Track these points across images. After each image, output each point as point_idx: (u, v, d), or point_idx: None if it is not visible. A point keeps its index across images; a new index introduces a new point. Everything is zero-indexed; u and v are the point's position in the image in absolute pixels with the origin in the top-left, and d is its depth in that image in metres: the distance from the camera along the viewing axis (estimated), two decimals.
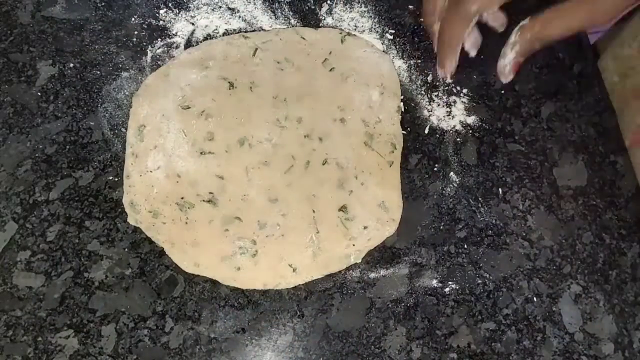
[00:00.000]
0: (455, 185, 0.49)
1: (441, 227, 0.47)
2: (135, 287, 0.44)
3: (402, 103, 0.52)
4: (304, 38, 0.54)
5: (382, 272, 0.46)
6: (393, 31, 0.55)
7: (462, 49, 0.47)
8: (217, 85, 0.51)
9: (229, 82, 0.51)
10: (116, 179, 0.48)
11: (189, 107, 0.50)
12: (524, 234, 0.48)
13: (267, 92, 0.51)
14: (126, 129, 0.50)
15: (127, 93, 0.51)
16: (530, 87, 0.53)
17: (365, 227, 0.46)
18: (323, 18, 0.55)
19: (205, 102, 0.50)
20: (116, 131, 0.50)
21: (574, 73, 0.54)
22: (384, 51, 0.54)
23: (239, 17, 0.55)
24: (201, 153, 0.48)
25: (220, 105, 0.50)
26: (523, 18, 0.43)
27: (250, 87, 0.51)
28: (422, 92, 0.53)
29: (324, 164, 0.48)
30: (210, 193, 0.47)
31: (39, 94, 0.51)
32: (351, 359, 0.43)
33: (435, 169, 0.50)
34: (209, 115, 0.50)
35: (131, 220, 0.46)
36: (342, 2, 0.56)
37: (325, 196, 0.47)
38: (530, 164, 0.50)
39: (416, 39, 0.55)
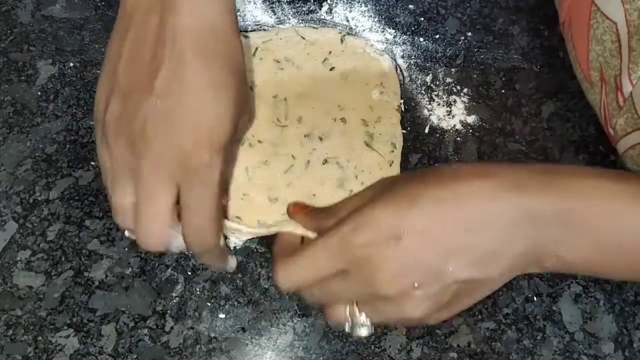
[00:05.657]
0: None
1: None
2: (135, 286, 0.44)
3: (402, 102, 0.52)
4: (304, 38, 0.54)
5: None
6: (393, 31, 0.55)
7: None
8: None
9: None
10: None
11: None
12: None
13: (267, 92, 0.51)
14: None
15: None
16: (531, 87, 0.53)
17: None
18: (323, 18, 0.55)
19: None
20: None
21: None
22: (384, 51, 0.54)
23: (239, 16, 0.55)
24: None
25: None
26: None
27: (250, 87, 0.51)
28: (422, 91, 0.53)
29: (324, 164, 0.48)
30: None
31: (39, 93, 0.51)
32: (351, 358, 0.43)
33: None
34: None
35: None
36: (342, 2, 0.56)
37: (325, 196, 0.47)
38: None
39: (416, 38, 0.55)
